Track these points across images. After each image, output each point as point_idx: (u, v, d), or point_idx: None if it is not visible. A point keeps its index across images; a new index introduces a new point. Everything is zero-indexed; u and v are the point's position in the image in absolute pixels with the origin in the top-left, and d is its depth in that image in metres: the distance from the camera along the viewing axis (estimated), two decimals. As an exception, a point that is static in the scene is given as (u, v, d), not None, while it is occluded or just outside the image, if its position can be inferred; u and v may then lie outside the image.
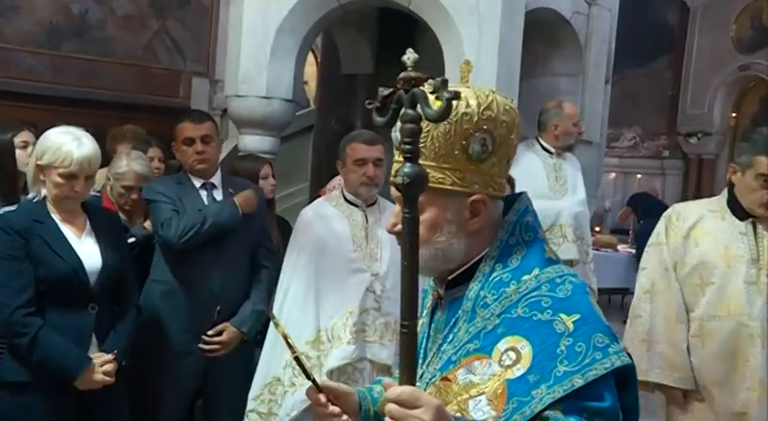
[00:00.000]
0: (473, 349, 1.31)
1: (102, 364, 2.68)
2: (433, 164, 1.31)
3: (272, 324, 3.11)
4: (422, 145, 1.28)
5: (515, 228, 1.38)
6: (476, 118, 1.30)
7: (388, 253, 3.03)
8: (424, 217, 1.33)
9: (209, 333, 3.15)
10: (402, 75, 1.10)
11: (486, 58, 3.86)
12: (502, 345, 1.27)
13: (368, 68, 5.23)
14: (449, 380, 1.32)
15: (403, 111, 1.10)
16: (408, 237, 1.12)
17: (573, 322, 1.24)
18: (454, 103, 1.26)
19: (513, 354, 1.26)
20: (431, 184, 1.29)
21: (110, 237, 2.82)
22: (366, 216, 3.08)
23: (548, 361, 1.22)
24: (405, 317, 1.13)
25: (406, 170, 1.10)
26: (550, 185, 4.33)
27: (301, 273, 3.06)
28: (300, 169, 7.17)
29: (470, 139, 1.31)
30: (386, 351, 2.98)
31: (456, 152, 1.31)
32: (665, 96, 11.80)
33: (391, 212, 3.06)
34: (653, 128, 11.98)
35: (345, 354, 2.95)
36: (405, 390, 1.13)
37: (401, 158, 1.32)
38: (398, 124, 1.14)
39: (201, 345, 3.16)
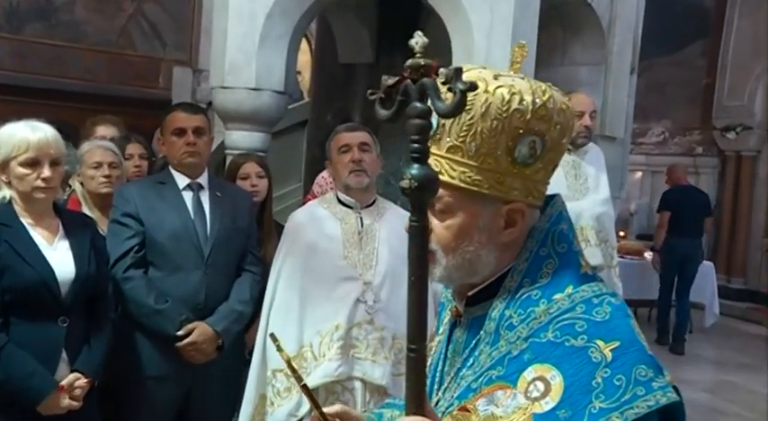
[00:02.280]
0: (496, 376, 1.28)
1: (72, 388, 2.71)
2: (472, 163, 1.28)
3: (257, 342, 3.16)
4: (461, 140, 1.27)
5: (547, 238, 1.35)
6: (529, 116, 1.26)
7: (385, 260, 3.04)
8: (453, 222, 1.31)
9: (179, 333, 3.15)
10: (409, 62, 1.06)
11: (497, 46, 3.89)
12: (529, 374, 1.24)
13: (367, 57, 5.25)
14: (467, 411, 1.29)
15: (411, 104, 1.06)
16: (416, 249, 1.09)
17: (611, 350, 1.20)
18: (506, 97, 1.25)
19: (541, 385, 1.22)
20: (465, 186, 1.28)
21: (84, 243, 2.85)
22: (361, 218, 3.11)
23: (581, 394, 1.18)
24: (412, 339, 1.11)
25: (414, 172, 1.06)
26: (569, 184, 4.36)
27: (286, 280, 3.08)
28: (293, 168, 7.19)
29: (519, 141, 1.27)
30: (379, 370, 2.97)
31: (499, 152, 1.28)
32: (698, 86, 11.79)
33: (393, 214, 3.13)
34: (684, 121, 11.97)
35: (327, 373, 2.94)
36: None
37: (435, 150, 1.30)
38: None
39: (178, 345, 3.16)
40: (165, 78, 9.50)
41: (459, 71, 1.04)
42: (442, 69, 1.06)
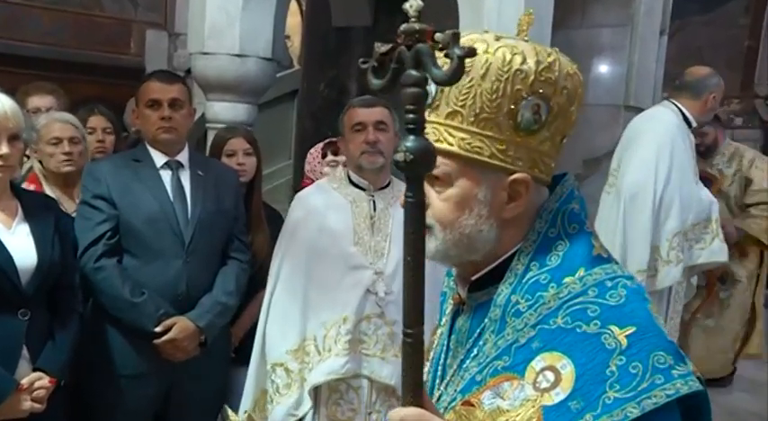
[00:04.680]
0: (502, 367, 1.31)
1: (33, 389, 2.73)
2: (472, 128, 1.32)
3: (257, 333, 3.18)
4: (460, 104, 1.31)
5: (556, 218, 1.38)
6: (532, 78, 1.31)
7: (398, 248, 3.05)
8: (452, 192, 1.36)
9: (157, 329, 3.18)
10: (403, 27, 1.08)
11: (509, 5, 3.88)
12: (537, 363, 1.27)
13: (364, 20, 5.26)
14: (472, 406, 1.32)
15: (405, 72, 1.09)
16: (412, 226, 1.12)
17: (626, 336, 1.23)
18: (507, 57, 1.30)
19: (551, 375, 1.25)
20: (464, 153, 1.33)
21: (47, 226, 2.87)
22: (374, 202, 3.15)
23: (594, 384, 1.21)
24: (408, 323, 1.14)
25: (409, 144, 1.09)
26: (693, 167, 4.45)
27: (290, 266, 3.13)
28: (282, 144, 7.23)
29: (521, 104, 1.31)
30: (388, 368, 3.02)
31: (501, 118, 1.32)
32: (739, 49, 11.69)
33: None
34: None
35: (332, 369, 3.00)
36: (410, 413, 1.15)
37: (433, 118, 1.36)
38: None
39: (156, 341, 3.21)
40: (136, 43, 9.46)
41: (456, 36, 1.07)
42: (438, 34, 1.09)
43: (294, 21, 8.42)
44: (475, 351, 1.40)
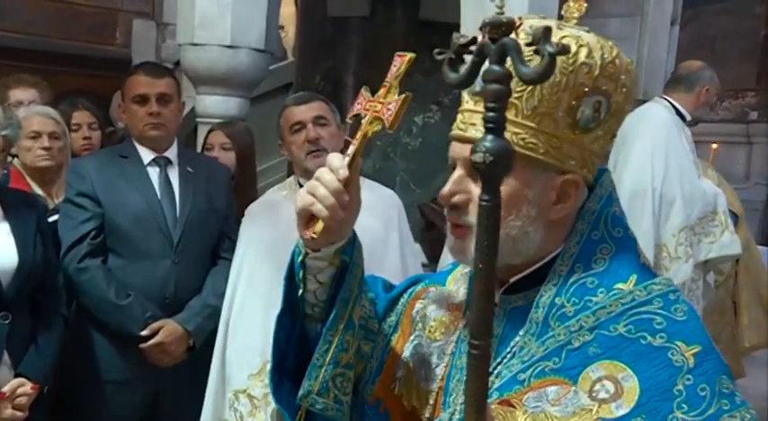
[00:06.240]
0: (550, 369, 1.30)
1: (14, 396, 2.74)
2: (527, 123, 1.31)
3: (213, 358, 3.15)
4: (517, 96, 1.30)
5: (599, 221, 1.39)
6: (597, 72, 1.30)
7: None
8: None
9: (143, 333, 3.19)
10: (489, 18, 1.06)
11: (514, -5, 3.91)
12: (594, 371, 1.26)
13: (362, 10, 5.24)
14: (512, 406, 1.29)
15: (487, 67, 1.06)
16: (488, 232, 1.09)
17: (693, 355, 1.24)
18: (573, 48, 1.28)
19: (610, 386, 1.24)
20: (517, 149, 1.28)
21: (29, 226, 2.88)
22: None
23: (661, 401, 1.21)
24: (475, 334, 1.10)
25: (488, 145, 1.05)
26: (694, 160, 4.49)
27: (246, 284, 3.10)
28: (276, 140, 7.20)
29: (583, 100, 1.31)
30: None
31: (560, 114, 1.31)
32: (754, 39, 11.71)
33: (364, 190, 3.08)
34: (736, 81, 11.83)
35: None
36: None
37: (476, 107, 1.34)
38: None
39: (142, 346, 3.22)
40: (123, 33, 9.46)
41: (548, 31, 1.05)
42: (527, 28, 1.10)
43: (288, 10, 8.42)
44: (508, 357, 1.38)
